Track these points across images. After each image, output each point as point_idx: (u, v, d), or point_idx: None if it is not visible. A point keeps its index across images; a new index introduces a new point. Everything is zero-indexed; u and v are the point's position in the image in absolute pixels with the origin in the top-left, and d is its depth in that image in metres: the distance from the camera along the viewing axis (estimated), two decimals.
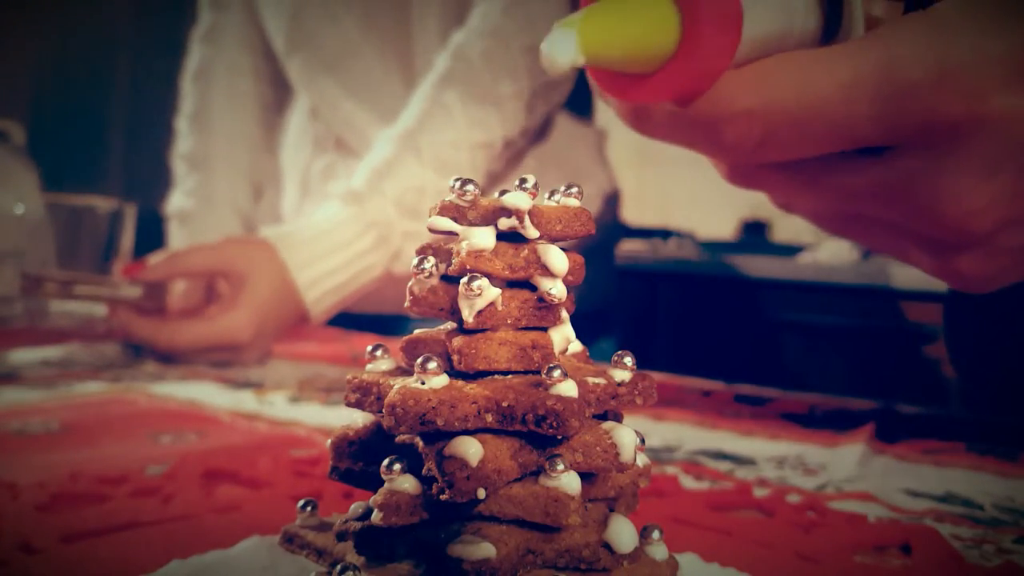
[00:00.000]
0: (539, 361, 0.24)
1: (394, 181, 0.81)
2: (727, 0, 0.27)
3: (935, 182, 0.30)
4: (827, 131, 0.30)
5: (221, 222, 1.04)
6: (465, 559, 0.22)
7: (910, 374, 1.60)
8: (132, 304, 0.74)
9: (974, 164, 0.30)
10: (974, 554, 0.33)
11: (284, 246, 0.77)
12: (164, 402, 0.57)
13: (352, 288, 0.81)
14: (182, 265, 0.76)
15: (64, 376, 0.63)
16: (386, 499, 0.23)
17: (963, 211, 0.30)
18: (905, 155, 0.31)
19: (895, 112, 0.29)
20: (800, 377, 1.70)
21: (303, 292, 0.77)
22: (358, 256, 0.81)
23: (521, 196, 0.23)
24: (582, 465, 0.23)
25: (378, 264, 0.82)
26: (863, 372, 1.71)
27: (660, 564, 0.24)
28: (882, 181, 0.31)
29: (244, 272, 0.75)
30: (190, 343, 0.71)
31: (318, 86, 0.98)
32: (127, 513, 0.34)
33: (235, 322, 0.72)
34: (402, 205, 0.81)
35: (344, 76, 0.96)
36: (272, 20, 1.01)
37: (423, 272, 0.24)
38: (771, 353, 1.80)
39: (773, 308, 1.79)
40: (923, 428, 0.56)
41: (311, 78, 0.98)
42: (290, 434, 0.49)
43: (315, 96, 0.99)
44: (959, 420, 0.60)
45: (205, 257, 0.77)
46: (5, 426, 0.48)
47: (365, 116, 0.96)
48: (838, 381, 1.70)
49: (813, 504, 0.38)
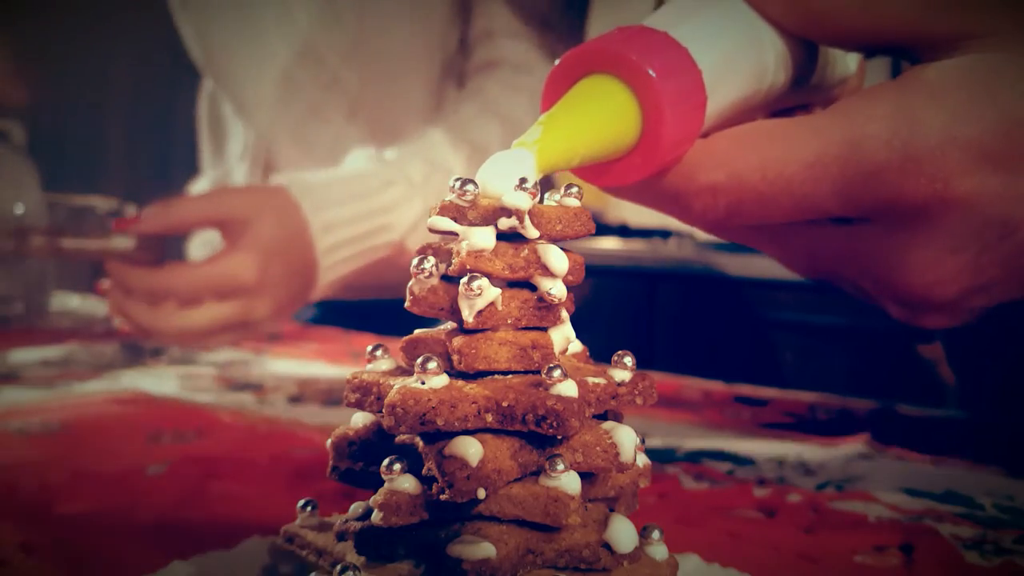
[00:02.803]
0: (539, 361, 0.24)
1: (425, 153, 0.78)
2: (689, 89, 0.27)
3: (900, 255, 0.31)
4: (792, 206, 0.30)
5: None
6: (465, 559, 0.22)
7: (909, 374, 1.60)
8: (125, 256, 0.68)
9: (938, 241, 0.30)
10: (974, 554, 0.33)
11: (298, 188, 0.71)
12: (164, 402, 0.56)
13: (366, 249, 0.74)
14: (177, 215, 0.69)
15: (64, 376, 0.63)
16: (386, 499, 0.23)
17: (927, 282, 0.31)
18: (870, 228, 0.31)
19: (860, 191, 0.29)
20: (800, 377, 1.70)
21: (316, 238, 0.70)
22: (380, 211, 0.74)
23: (521, 196, 0.23)
24: (582, 465, 0.23)
25: (397, 227, 0.75)
26: (863, 372, 1.71)
27: (660, 564, 0.24)
28: (848, 249, 0.32)
29: (246, 217, 0.68)
30: (188, 286, 0.65)
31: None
32: (127, 513, 0.34)
33: (237, 262, 0.65)
34: (433, 168, 0.77)
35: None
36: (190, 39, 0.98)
37: (423, 272, 0.24)
38: (771, 353, 1.80)
39: (773, 308, 1.79)
40: (922, 428, 0.56)
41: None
42: (290, 434, 0.49)
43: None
44: (959, 420, 0.60)
45: (202, 205, 0.71)
46: (5, 426, 0.48)
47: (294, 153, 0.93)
48: (838, 381, 1.70)
49: (813, 504, 0.38)
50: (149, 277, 0.66)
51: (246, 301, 0.67)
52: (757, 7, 0.30)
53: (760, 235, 0.34)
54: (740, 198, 0.30)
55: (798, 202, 0.30)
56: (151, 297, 0.66)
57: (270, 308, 0.69)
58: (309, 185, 0.72)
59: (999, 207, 0.29)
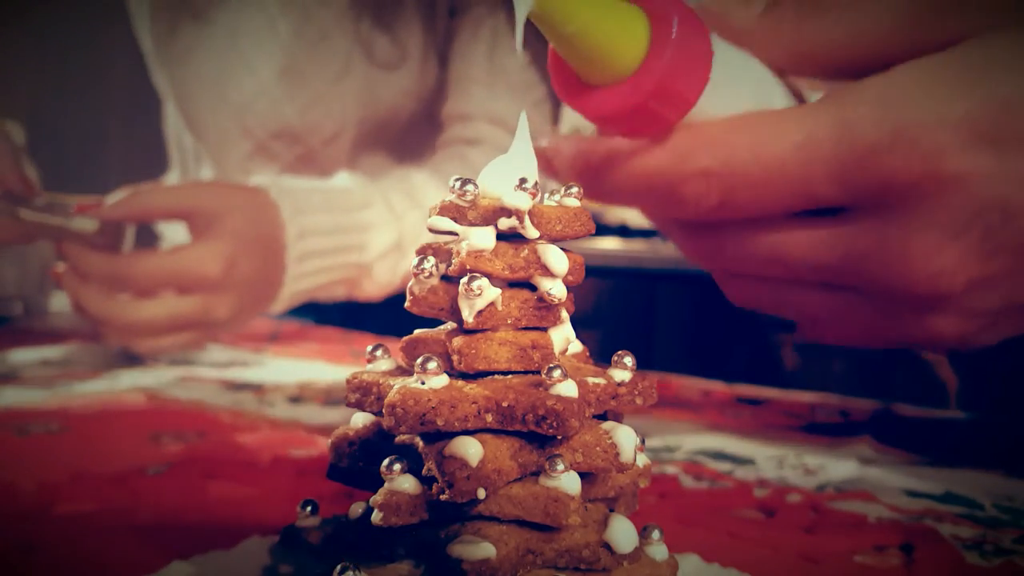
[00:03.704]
0: (539, 361, 0.24)
1: (408, 189, 0.78)
2: (699, 45, 0.27)
3: (901, 245, 0.30)
4: (785, 191, 0.30)
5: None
6: (465, 559, 0.22)
7: (910, 374, 1.60)
8: (84, 239, 0.64)
9: (937, 224, 0.29)
10: (974, 554, 0.33)
11: (278, 190, 0.69)
12: (164, 402, 0.56)
13: (335, 265, 0.72)
14: (143, 204, 0.65)
15: (64, 376, 0.63)
16: (386, 499, 0.23)
17: (931, 271, 0.30)
18: (866, 216, 0.31)
19: (852, 172, 0.29)
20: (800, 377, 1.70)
21: (290, 243, 0.67)
22: (356, 228, 0.72)
23: (521, 196, 0.23)
24: (582, 465, 0.23)
25: (369, 249, 0.73)
26: (863, 372, 1.71)
27: (660, 564, 0.25)
28: (849, 248, 0.31)
29: (218, 211, 0.64)
30: (147, 275, 0.61)
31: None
32: (127, 513, 0.34)
33: (202, 253, 0.62)
34: (413, 204, 0.76)
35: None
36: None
37: (423, 272, 0.24)
38: (771, 353, 1.80)
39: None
40: (923, 428, 0.56)
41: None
42: (290, 434, 0.49)
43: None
44: (959, 421, 0.60)
45: (173, 194, 0.68)
46: (5, 426, 0.48)
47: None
48: (838, 381, 1.70)
49: (813, 504, 0.38)
50: (107, 262, 0.63)
51: (207, 297, 0.64)
52: (755, 53, 0.31)
53: (757, 244, 0.33)
54: (732, 184, 0.30)
55: (792, 187, 0.29)
56: (108, 283, 0.63)
57: (230, 309, 0.65)
58: (290, 188, 0.70)
59: (995, 188, 0.28)
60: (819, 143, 0.29)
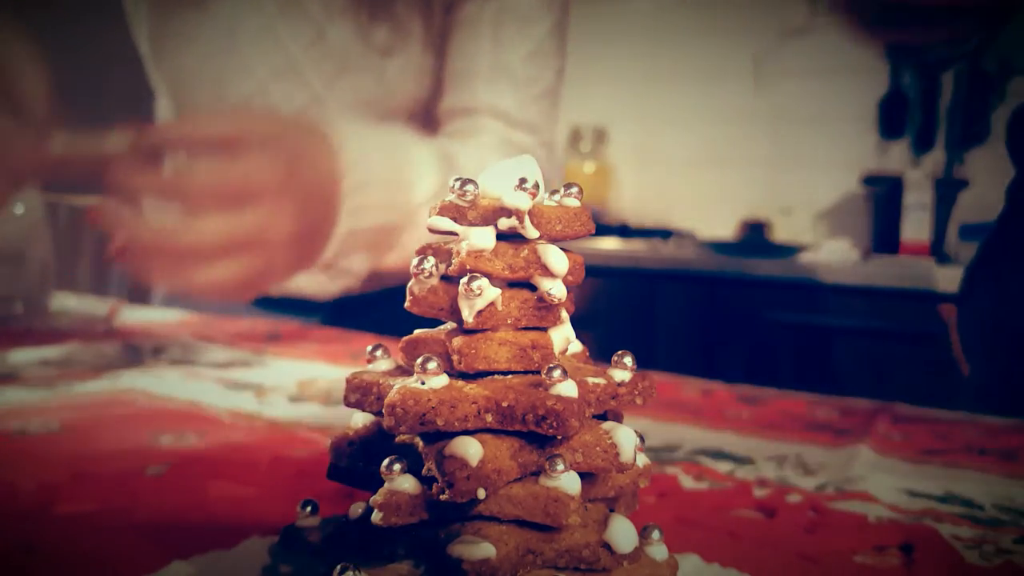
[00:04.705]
0: (539, 361, 0.24)
1: (444, 147, 0.77)
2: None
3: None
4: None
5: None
6: (465, 559, 0.22)
7: (910, 374, 1.60)
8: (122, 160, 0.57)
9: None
10: (974, 554, 0.33)
11: (337, 127, 0.65)
12: (164, 402, 0.56)
13: (386, 204, 0.67)
14: (190, 126, 0.60)
15: (64, 376, 0.63)
16: (386, 499, 0.23)
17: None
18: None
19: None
20: (800, 377, 1.70)
21: (348, 168, 0.63)
22: (410, 165, 0.69)
23: (521, 196, 0.23)
24: (582, 465, 0.23)
25: (418, 190, 0.70)
26: (863, 372, 1.71)
27: (660, 564, 0.25)
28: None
29: (272, 134, 0.59)
30: (200, 187, 0.55)
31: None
32: (127, 513, 0.34)
33: (260, 162, 0.56)
34: (448, 162, 0.75)
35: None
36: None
37: (423, 272, 0.24)
38: (771, 353, 1.80)
39: (773, 308, 1.79)
40: (923, 428, 0.56)
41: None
42: (290, 434, 0.49)
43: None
44: (960, 421, 0.60)
45: (221, 119, 0.62)
46: (5, 426, 0.48)
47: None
48: (838, 381, 1.70)
49: (813, 504, 0.38)
50: (156, 178, 0.56)
51: (264, 214, 0.57)
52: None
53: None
54: None
55: None
56: (157, 200, 0.57)
57: (289, 230, 0.58)
58: (344, 126, 0.67)
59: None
60: None
